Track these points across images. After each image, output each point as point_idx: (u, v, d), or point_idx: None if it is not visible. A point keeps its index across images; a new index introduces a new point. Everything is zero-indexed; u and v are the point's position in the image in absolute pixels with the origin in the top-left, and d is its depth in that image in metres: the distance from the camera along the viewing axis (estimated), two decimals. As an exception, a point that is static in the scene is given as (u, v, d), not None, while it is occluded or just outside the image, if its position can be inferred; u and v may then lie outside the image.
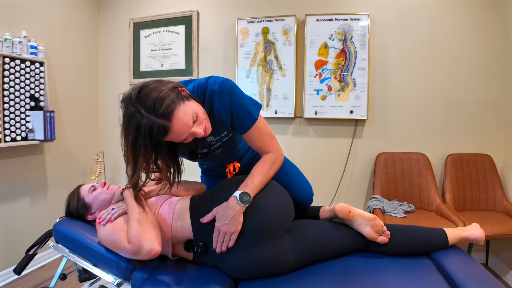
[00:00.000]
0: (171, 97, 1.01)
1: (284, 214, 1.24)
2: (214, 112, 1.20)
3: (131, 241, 1.09)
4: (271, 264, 1.16)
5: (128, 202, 1.21)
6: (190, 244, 1.22)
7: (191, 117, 1.05)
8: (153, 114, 0.98)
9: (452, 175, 2.60)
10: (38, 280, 2.49)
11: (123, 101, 1.03)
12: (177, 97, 1.03)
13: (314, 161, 2.93)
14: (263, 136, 1.27)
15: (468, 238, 1.33)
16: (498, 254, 2.60)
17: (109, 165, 3.43)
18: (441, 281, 1.11)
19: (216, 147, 1.30)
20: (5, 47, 2.32)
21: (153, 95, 0.99)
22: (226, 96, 1.18)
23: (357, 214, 1.30)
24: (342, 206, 1.31)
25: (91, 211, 1.42)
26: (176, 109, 1.00)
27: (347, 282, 1.13)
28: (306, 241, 1.24)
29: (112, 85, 3.42)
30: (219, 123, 1.23)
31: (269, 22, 2.91)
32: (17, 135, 2.41)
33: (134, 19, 3.29)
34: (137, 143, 1.01)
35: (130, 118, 0.99)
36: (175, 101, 1.01)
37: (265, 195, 1.22)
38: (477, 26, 2.64)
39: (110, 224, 1.20)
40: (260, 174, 1.22)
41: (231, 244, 1.14)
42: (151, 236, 1.08)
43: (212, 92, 1.18)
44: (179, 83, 1.11)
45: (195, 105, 1.09)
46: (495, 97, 2.63)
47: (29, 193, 2.67)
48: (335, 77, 2.79)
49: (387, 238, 1.28)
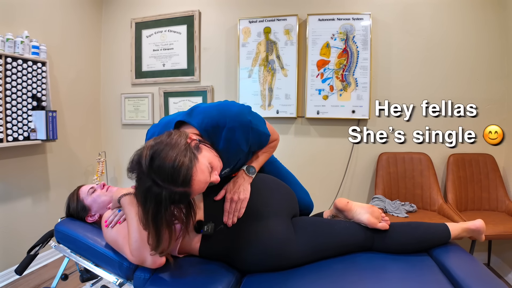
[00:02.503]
0: (186, 163, 0.96)
1: (287, 199, 1.35)
2: (231, 148, 1.20)
3: (133, 254, 1.09)
4: (275, 253, 1.18)
5: (126, 210, 1.18)
6: (200, 225, 1.22)
7: (208, 172, 1.02)
8: (172, 185, 0.95)
9: (454, 175, 2.59)
10: (39, 280, 2.49)
11: (135, 171, 0.99)
12: (191, 159, 0.98)
13: (315, 161, 2.93)
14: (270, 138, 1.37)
15: (469, 229, 1.33)
16: (500, 254, 2.60)
17: (111, 165, 3.44)
18: (443, 280, 1.10)
19: (226, 172, 1.32)
20: (7, 47, 2.32)
21: (168, 165, 0.95)
22: (247, 130, 1.18)
23: (355, 204, 1.36)
24: (340, 199, 1.39)
25: (90, 213, 1.42)
26: (194, 174, 0.97)
27: (350, 280, 1.13)
28: (309, 233, 1.26)
29: (114, 85, 3.42)
30: (237, 153, 1.24)
31: (271, 22, 2.91)
32: (19, 135, 2.41)
33: (135, 19, 3.29)
34: (159, 215, 0.98)
35: (148, 192, 0.96)
36: (190, 166, 0.97)
37: (268, 183, 1.35)
38: (479, 25, 2.63)
39: (115, 229, 1.20)
40: (263, 154, 1.38)
41: (241, 213, 1.22)
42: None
43: (232, 129, 1.15)
44: (187, 135, 1.05)
45: (208, 154, 1.05)
46: (497, 96, 2.62)
47: (31, 193, 2.67)
48: (337, 76, 2.78)
49: (387, 224, 1.31)
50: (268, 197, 1.30)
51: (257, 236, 1.19)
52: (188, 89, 3.16)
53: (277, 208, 1.27)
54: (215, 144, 1.16)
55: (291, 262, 1.21)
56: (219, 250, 1.23)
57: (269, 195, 1.31)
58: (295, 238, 1.22)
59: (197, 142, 1.05)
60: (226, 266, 1.24)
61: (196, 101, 3.14)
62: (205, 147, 1.06)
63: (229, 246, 1.21)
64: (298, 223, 1.29)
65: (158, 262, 1.08)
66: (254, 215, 1.22)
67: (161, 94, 3.22)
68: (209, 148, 1.09)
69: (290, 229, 1.24)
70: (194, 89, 3.14)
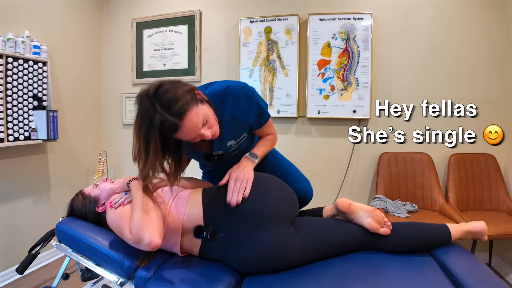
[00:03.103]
0: (186, 98, 1.06)
1: (288, 203, 1.30)
2: (237, 117, 1.29)
3: (132, 231, 1.09)
4: (275, 256, 1.17)
5: (133, 192, 1.21)
6: (199, 230, 1.22)
7: (201, 119, 1.10)
8: (166, 111, 1.03)
9: (456, 174, 2.59)
10: (40, 279, 2.49)
11: (140, 96, 1.08)
12: (192, 99, 1.08)
13: (316, 160, 2.93)
14: (268, 125, 1.45)
15: (471, 231, 1.32)
16: (501, 254, 2.59)
17: (112, 165, 3.44)
18: (444, 280, 1.10)
19: (234, 149, 1.39)
20: (8, 47, 2.32)
21: (169, 94, 1.04)
22: (250, 102, 1.29)
23: (357, 207, 1.31)
24: (342, 199, 1.34)
25: (100, 202, 1.42)
26: (189, 110, 1.05)
27: (351, 280, 1.13)
28: (310, 235, 1.25)
29: (115, 84, 3.43)
30: (241, 125, 1.33)
31: (271, 22, 2.91)
32: (20, 134, 2.42)
33: (136, 19, 3.29)
34: (148, 136, 1.05)
35: (145, 112, 1.05)
36: (189, 102, 1.06)
37: (269, 185, 1.30)
38: (479, 25, 2.63)
39: (118, 210, 1.21)
40: (264, 146, 1.43)
41: (246, 192, 1.21)
42: (152, 228, 1.08)
43: (236, 98, 1.26)
44: (196, 87, 1.17)
45: (208, 110, 1.15)
46: (499, 96, 2.62)
47: (31, 192, 2.67)
48: (338, 76, 2.78)
49: (388, 229, 1.29)
50: (269, 200, 1.25)
51: (258, 241, 1.17)
52: (189, 89, 3.15)
53: (278, 212, 1.23)
54: (222, 113, 1.26)
55: (292, 264, 1.21)
56: (218, 254, 1.23)
57: (270, 198, 1.26)
58: (296, 241, 1.21)
59: (203, 97, 1.16)
60: (227, 266, 1.23)
61: (197, 101, 3.13)
62: (207, 106, 1.16)
63: (228, 251, 1.20)
64: (298, 225, 1.27)
65: (154, 243, 1.05)
66: (254, 220, 1.19)
67: (162, 94, 3.22)
68: (211, 110, 1.18)
69: (291, 232, 1.22)
70: (195, 89, 3.13)
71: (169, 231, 1.23)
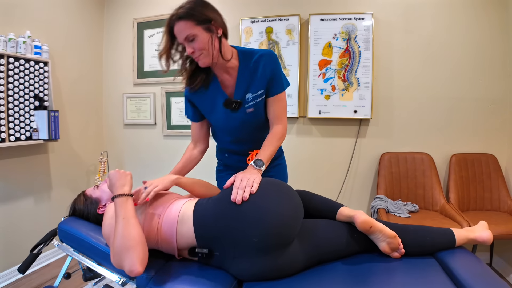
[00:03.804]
0: (192, 13, 1.28)
1: (292, 225, 1.16)
2: (259, 70, 1.45)
3: (113, 259, 1.06)
4: (278, 270, 1.14)
5: (117, 211, 1.13)
6: (193, 251, 1.20)
7: (186, 34, 1.30)
8: (176, 10, 1.31)
9: (457, 174, 2.59)
10: (42, 279, 2.50)
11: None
12: (196, 19, 1.28)
13: (317, 160, 2.93)
14: (282, 106, 1.53)
15: (476, 240, 1.31)
16: (502, 254, 2.59)
17: (113, 165, 3.44)
18: (447, 282, 1.10)
19: (250, 105, 1.48)
20: (9, 47, 2.33)
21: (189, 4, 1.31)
22: (273, 61, 1.47)
23: (377, 230, 1.22)
24: (363, 221, 1.21)
25: (101, 204, 1.42)
26: (183, 20, 1.29)
27: (353, 283, 1.13)
28: (316, 246, 1.21)
29: (116, 84, 3.43)
30: (260, 80, 1.46)
31: (272, 22, 2.91)
32: (22, 134, 2.42)
33: (137, 19, 3.29)
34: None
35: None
36: (191, 16, 1.28)
37: (270, 201, 1.16)
38: (481, 25, 2.63)
39: (111, 221, 1.18)
40: (271, 146, 1.43)
41: (254, 188, 1.16)
42: (132, 257, 1.03)
43: (262, 55, 1.45)
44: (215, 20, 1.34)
45: (206, 39, 1.32)
46: (500, 96, 2.62)
47: (33, 192, 2.68)
48: (339, 76, 2.78)
49: (400, 255, 1.25)
50: (269, 228, 1.12)
51: (258, 261, 1.12)
52: (190, 89, 3.15)
53: (278, 241, 1.13)
54: (246, 67, 1.45)
55: (295, 272, 1.18)
56: (217, 264, 1.21)
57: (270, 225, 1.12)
58: (301, 251, 1.17)
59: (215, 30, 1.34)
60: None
61: (198, 101, 3.14)
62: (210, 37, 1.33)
63: (226, 266, 1.18)
64: (303, 234, 1.21)
65: (134, 272, 1.01)
66: (254, 248, 1.11)
67: (163, 94, 3.23)
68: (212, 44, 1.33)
69: (295, 244, 1.16)
70: (196, 89, 3.13)
71: (164, 245, 1.21)
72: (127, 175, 1.26)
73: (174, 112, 3.23)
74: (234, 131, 1.57)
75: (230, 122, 1.52)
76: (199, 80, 1.45)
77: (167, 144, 3.30)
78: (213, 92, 1.49)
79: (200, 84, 1.45)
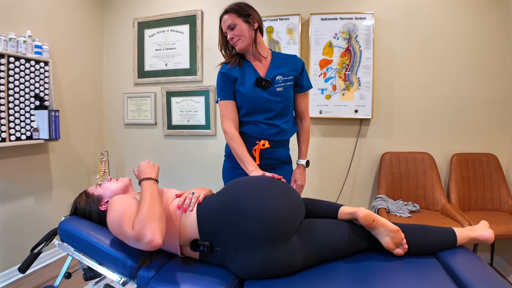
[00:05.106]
0: (237, 8, 1.64)
1: (292, 217, 1.21)
2: (291, 61, 1.75)
3: (135, 227, 1.09)
4: (279, 266, 1.15)
5: (143, 191, 1.22)
6: (196, 243, 1.22)
7: (229, 24, 1.64)
8: (227, 6, 1.66)
9: (457, 174, 2.58)
10: (42, 279, 2.50)
11: None
12: (241, 14, 1.64)
13: (318, 160, 2.93)
14: (307, 103, 1.87)
15: (477, 239, 1.31)
16: (503, 254, 2.59)
17: (113, 165, 3.44)
18: (448, 281, 1.10)
19: (280, 85, 1.69)
20: (10, 47, 2.33)
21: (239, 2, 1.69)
22: (301, 63, 1.77)
23: (380, 224, 1.23)
24: (366, 214, 1.23)
25: (103, 201, 1.42)
26: (230, 13, 1.64)
27: (354, 282, 1.12)
28: (316, 243, 1.22)
29: (116, 84, 3.43)
30: (291, 68, 1.73)
31: (273, 21, 2.90)
32: (22, 134, 2.42)
33: (138, 19, 3.29)
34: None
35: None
36: (236, 12, 1.64)
37: (272, 198, 1.21)
38: (482, 25, 2.62)
39: (121, 207, 1.20)
40: (307, 141, 1.88)
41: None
42: (155, 227, 1.08)
43: (294, 55, 1.79)
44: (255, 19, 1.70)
45: (245, 28, 1.65)
46: (501, 96, 2.62)
47: (33, 192, 2.67)
48: (340, 76, 2.78)
49: (403, 251, 1.25)
50: (271, 221, 1.16)
51: (259, 255, 1.14)
52: (190, 88, 3.16)
53: (279, 233, 1.16)
54: (279, 58, 1.76)
55: (296, 270, 1.18)
56: (218, 262, 1.23)
57: (271, 218, 1.17)
58: (301, 249, 1.18)
59: (253, 23, 1.68)
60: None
61: (199, 100, 3.14)
62: (249, 28, 1.66)
63: (227, 262, 1.20)
64: (304, 231, 1.23)
65: (154, 242, 1.05)
66: (255, 238, 1.14)
67: (163, 93, 3.23)
68: (249, 33, 1.66)
69: (295, 240, 1.18)
70: (196, 89, 3.14)
71: (168, 238, 1.23)
72: (155, 166, 1.37)
73: (174, 112, 3.22)
74: (259, 107, 1.70)
75: (258, 99, 1.69)
76: (236, 59, 1.72)
77: (167, 144, 3.30)
78: (247, 70, 1.71)
79: (236, 63, 1.71)
